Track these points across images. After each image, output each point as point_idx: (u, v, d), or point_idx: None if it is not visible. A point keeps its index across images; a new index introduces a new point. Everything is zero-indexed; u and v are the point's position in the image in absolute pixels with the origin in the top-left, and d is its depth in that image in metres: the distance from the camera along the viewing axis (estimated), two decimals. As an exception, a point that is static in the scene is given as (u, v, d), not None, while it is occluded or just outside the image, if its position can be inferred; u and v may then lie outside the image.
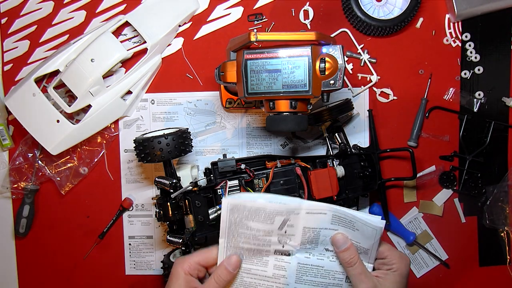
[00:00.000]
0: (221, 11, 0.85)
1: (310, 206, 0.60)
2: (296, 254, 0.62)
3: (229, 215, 0.61)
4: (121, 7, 0.86)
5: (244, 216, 0.61)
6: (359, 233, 0.61)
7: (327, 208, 0.60)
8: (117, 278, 0.88)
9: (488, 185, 0.84)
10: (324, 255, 0.63)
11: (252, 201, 0.60)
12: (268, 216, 0.61)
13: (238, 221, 0.61)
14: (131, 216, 0.88)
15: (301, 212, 0.60)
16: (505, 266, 0.85)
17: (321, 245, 0.62)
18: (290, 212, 0.60)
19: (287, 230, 0.61)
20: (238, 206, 0.60)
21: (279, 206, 0.60)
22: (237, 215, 0.61)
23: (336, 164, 0.79)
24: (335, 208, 0.60)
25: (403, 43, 0.84)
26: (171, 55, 0.86)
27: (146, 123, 0.87)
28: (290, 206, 0.60)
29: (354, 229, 0.61)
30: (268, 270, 0.63)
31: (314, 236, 0.62)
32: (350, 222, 0.61)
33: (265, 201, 0.60)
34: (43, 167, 0.87)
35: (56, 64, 0.81)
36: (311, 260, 0.63)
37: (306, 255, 0.63)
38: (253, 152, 0.86)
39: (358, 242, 0.62)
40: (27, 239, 0.89)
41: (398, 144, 0.84)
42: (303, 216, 0.60)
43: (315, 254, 0.63)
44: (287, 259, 0.62)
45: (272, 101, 0.65)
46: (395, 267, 0.61)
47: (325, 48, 0.63)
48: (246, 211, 0.61)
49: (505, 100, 0.83)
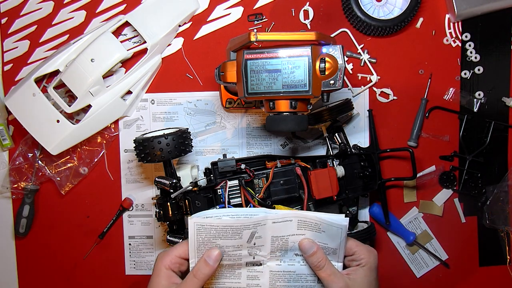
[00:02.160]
0: (221, 11, 0.85)
1: (275, 215, 0.61)
2: (267, 263, 0.64)
3: (196, 235, 0.62)
4: (121, 7, 0.86)
5: (212, 236, 0.62)
6: (325, 234, 0.62)
7: (292, 214, 0.62)
8: (117, 278, 0.88)
9: (488, 185, 0.84)
10: (294, 260, 0.64)
11: (218, 219, 0.61)
12: (236, 231, 0.62)
13: (206, 241, 0.62)
14: (131, 216, 0.88)
15: (267, 222, 0.61)
16: (505, 266, 0.85)
17: (290, 251, 0.64)
18: (257, 224, 0.61)
19: (256, 242, 0.63)
20: (204, 225, 0.61)
21: (244, 220, 0.61)
22: (204, 234, 0.62)
23: (336, 164, 0.79)
24: (299, 214, 0.62)
25: (403, 43, 0.84)
26: (171, 55, 0.86)
27: (146, 123, 0.87)
28: (256, 218, 0.61)
29: (320, 231, 0.62)
30: (242, 282, 0.65)
31: (282, 244, 0.63)
32: (315, 225, 0.62)
33: (230, 217, 0.61)
34: (43, 167, 0.87)
35: (56, 64, 0.81)
36: (282, 266, 0.64)
37: (277, 263, 0.64)
38: (253, 152, 0.86)
39: (325, 243, 0.63)
40: (27, 239, 0.89)
41: (398, 144, 0.84)
42: (269, 226, 0.62)
43: (285, 260, 0.64)
44: (259, 269, 0.64)
45: (272, 101, 0.65)
46: (363, 261, 0.62)
47: (325, 48, 0.63)
48: (213, 230, 0.61)
49: (505, 100, 0.83)
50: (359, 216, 0.83)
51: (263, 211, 0.62)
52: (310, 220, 0.62)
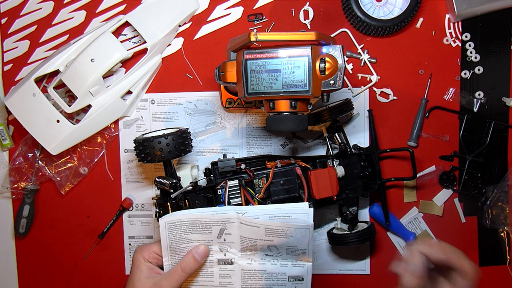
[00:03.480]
0: (221, 11, 0.85)
1: (243, 218, 0.63)
2: (238, 262, 0.66)
3: (168, 234, 0.65)
4: (121, 7, 0.86)
5: (182, 231, 0.64)
6: (293, 238, 0.64)
7: (259, 222, 0.63)
8: (117, 278, 0.88)
9: (488, 185, 0.84)
10: (265, 259, 0.66)
11: (186, 215, 0.64)
12: (205, 226, 0.64)
13: (178, 238, 0.65)
14: (131, 216, 0.88)
15: (235, 221, 0.63)
16: (505, 266, 0.85)
17: (260, 252, 0.65)
18: (225, 221, 0.63)
19: (226, 238, 0.65)
20: (175, 223, 0.64)
21: (212, 216, 0.63)
22: (175, 231, 0.65)
23: (336, 164, 0.79)
24: (266, 223, 0.63)
25: (403, 43, 0.84)
26: (171, 55, 0.86)
27: (146, 123, 0.87)
28: (223, 216, 0.63)
29: (288, 237, 0.64)
30: (214, 280, 0.67)
31: (251, 245, 0.65)
32: (282, 231, 0.63)
33: (198, 212, 0.64)
34: (43, 167, 0.87)
35: (56, 64, 0.81)
36: (253, 265, 0.66)
37: (248, 262, 0.66)
38: (253, 152, 0.86)
39: (294, 246, 0.65)
40: (27, 239, 0.89)
41: (398, 144, 0.84)
42: (238, 225, 0.63)
43: (256, 259, 0.66)
44: (230, 268, 0.66)
45: (272, 101, 0.65)
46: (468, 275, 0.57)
47: (325, 48, 0.63)
48: (184, 226, 0.64)
49: (505, 100, 0.83)
50: (359, 216, 0.83)
51: (233, 209, 0.64)
52: (277, 228, 0.63)
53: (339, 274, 0.86)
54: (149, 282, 0.63)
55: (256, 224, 0.63)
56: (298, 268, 0.66)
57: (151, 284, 0.63)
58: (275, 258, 0.65)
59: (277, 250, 0.65)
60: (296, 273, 0.66)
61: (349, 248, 0.85)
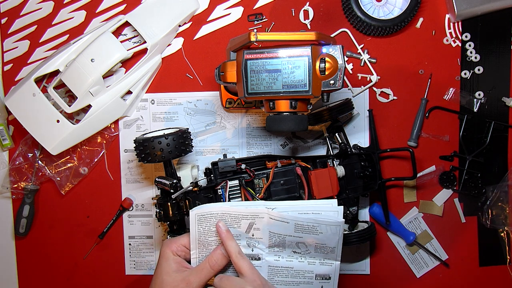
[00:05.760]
0: (221, 11, 0.85)
1: (273, 213, 0.63)
2: (266, 258, 0.65)
3: (197, 226, 0.64)
4: (121, 7, 0.86)
5: (211, 224, 0.64)
6: (323, 235, 0.64)
7: (289, 217, 0.62)
8: (117, 278, 0.88)
9: (488, 185, 0.84)
10: (292, 257, 0.66)
11: (217, 207, 0.64)
12: (234, 219, 0.64)
13: (207, 230, 0.64)
14: (131, 216, 0.88)
15: (265, 216, 0.63)
16: (505, 266, 0.85)
17: (288, 248, 0.65)
18: (255, 216, 0.63)
19: (254, 234, 0.64)
20: (205, 215, 0.64)
21: (243, 209, 0.63)
22: (205, 224, 0.64)
23: (336, 164, 0.79)
24: (297, 218, 0.63)
25: (403, 43, 0.84)
26: (171, 55, 0.86)
27: (146, 123, 0.87)
28: (254, 209, 0.63)
29: (318, 233, 0.63)
30: None
31: (280, 241, 0.64)
32: (312, 227, 0.63)
33: (229, 205, 0.64)
34: (43, 167, 0.87)
35: (56, 64, 0.81)
36: (280, 262, 0.66)
37: (275, 258, 0.65)
38: (253, 152, 0.86)
39: (323, 243, 0.64)
40: (27, 239, 0.89)
41: (398, 144, 0.84)
42: (267, 220, 0.63)
43: (283, 256, 0.65)
44: (257, 263, 0.65)
45: (272, 101, 0.65)
46: None
47: (325, 48, 0.63)
48: (213, 219, 0.64)
49: (505, 100, 0.83)
50: (359, 216, 0.83)
51: (263, 204, 0.63)
52: (307, 224, 0.62)
53: (339, 274, 0.86)
54: (178, 276, 0.63)
55: (286, 219, 0.62)
56: (326, 266, 0.66)
57: (180, 279, 0.62)
58: (303, 256, 0.65)
59: (305, 247, 0.65)
60: (324, 272, 0.66)
61: (349, 248, 0.84)
